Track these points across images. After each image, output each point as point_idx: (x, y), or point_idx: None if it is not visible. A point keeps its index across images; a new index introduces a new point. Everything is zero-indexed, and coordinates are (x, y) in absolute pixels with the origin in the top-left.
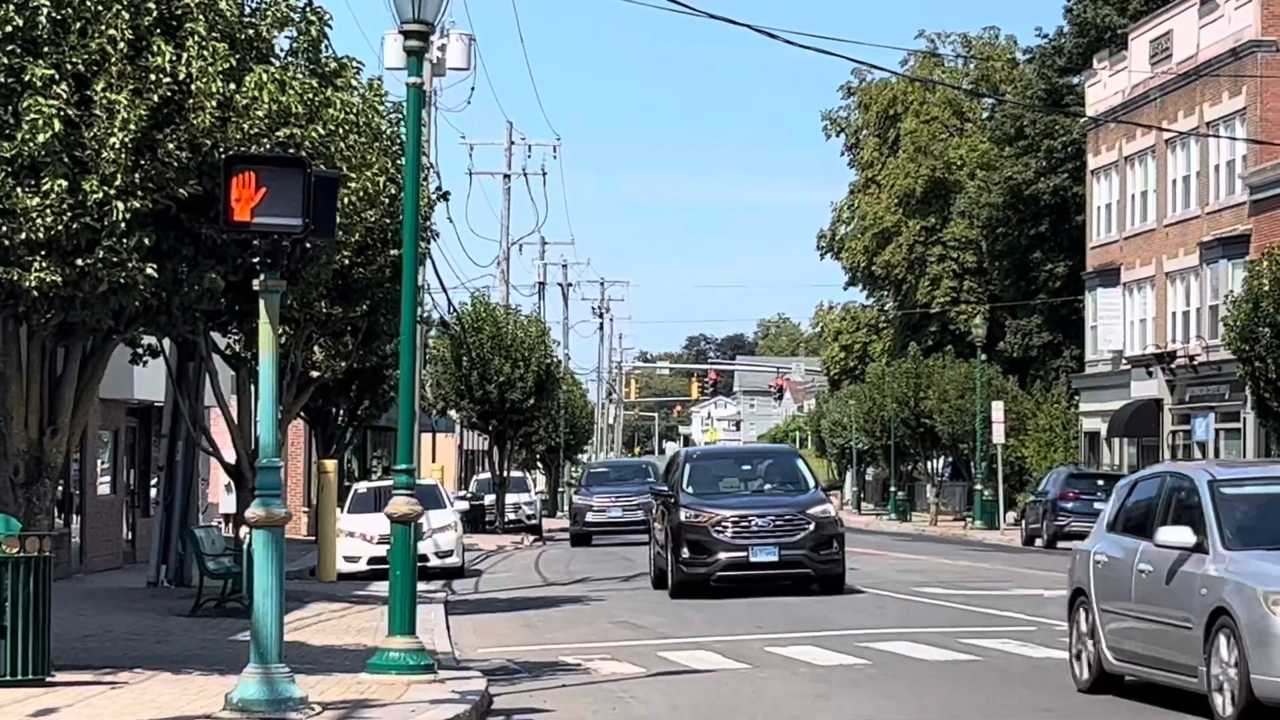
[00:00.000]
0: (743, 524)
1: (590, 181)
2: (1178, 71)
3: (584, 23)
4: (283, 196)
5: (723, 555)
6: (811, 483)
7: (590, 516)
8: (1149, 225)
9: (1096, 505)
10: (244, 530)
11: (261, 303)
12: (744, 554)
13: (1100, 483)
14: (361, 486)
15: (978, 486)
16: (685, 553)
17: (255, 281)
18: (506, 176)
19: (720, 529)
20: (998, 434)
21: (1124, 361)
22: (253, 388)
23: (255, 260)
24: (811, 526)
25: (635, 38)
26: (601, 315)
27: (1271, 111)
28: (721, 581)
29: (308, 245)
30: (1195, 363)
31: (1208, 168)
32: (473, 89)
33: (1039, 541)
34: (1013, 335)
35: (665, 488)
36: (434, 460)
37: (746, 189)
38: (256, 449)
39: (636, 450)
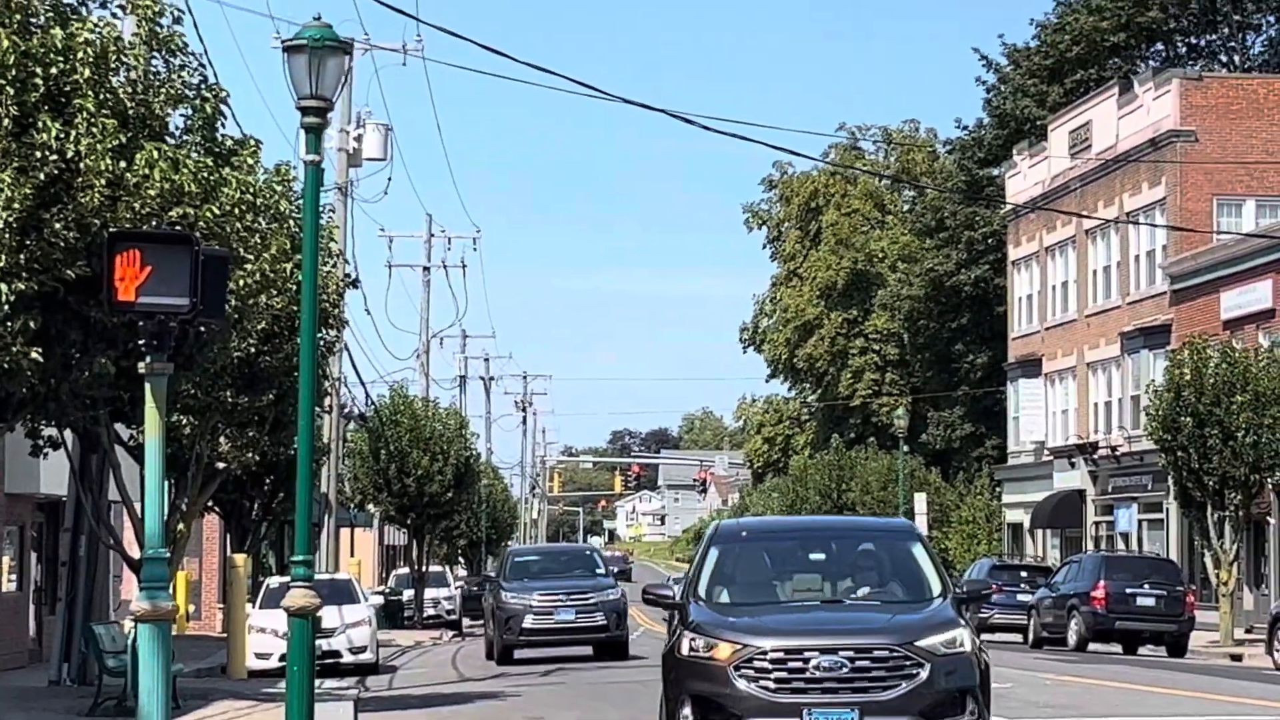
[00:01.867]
0: (793, 664)
1: (511, 275)
2: (1097, 161)
3: (502, 115)
4: (169, 276)
5: None
6: (936, 587)
7: (530, 622)
8: (1070, 315)
9: (1020, 597)
10: (128, 625)
11: (148, 386)
12: None
13: (1024, 574)
14: (274, 581)
15: None
16: (687, 714)
17: (141, 364)
18: (426, 269)
19: (750, 673)
20: (921, 526)
21: (1046, 452)
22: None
23: (141, 342)
24: (924, 672)
25: (555, 129)
26: (524, 409)
27: (1191, 201)
28: None
29: (201, 328)
30: (1117, 453)
31: (1128, 258)
32: (390, 179)
33: None
34: (935, 427)
35: (667, 593)
36: (353, 555)
37: (670, 283)
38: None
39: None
